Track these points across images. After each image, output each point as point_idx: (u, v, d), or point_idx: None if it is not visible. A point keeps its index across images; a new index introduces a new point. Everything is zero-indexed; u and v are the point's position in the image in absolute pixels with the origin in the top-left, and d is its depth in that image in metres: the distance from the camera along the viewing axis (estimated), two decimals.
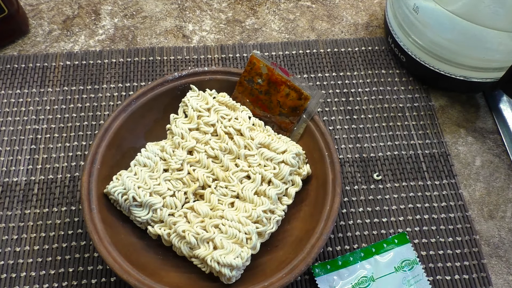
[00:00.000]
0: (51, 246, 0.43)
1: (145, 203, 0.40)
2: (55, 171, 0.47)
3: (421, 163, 0.49)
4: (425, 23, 0.49)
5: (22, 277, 0.42)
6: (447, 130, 0.52)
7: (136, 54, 0.56)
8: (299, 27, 0.60)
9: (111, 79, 0.54)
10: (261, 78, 0.45)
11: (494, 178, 0.49)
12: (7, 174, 0.47)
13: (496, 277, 0.44)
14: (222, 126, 0.44)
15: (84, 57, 0.55)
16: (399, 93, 0.54)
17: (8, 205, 0.45)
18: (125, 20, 0.59)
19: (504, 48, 0.47)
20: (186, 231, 0.39)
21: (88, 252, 0.43)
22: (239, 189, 0.41)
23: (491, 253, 0.45)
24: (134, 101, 0.44)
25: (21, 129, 0.50)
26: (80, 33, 0.58)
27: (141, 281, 0.36)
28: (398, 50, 0.54)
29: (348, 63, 0.56)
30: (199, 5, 0.61)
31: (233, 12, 0.61)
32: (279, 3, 0.62)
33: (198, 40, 0.58)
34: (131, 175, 0.41)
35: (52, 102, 0.52)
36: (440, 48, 0.49)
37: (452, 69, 0.50)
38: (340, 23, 0.60)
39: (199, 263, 0.39)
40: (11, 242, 0.43)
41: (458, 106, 0.54)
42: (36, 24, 0.58)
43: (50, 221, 0.45)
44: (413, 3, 0.49)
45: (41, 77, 0.53)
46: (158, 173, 0.42)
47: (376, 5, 0.62)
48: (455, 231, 0.46)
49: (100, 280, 0.42)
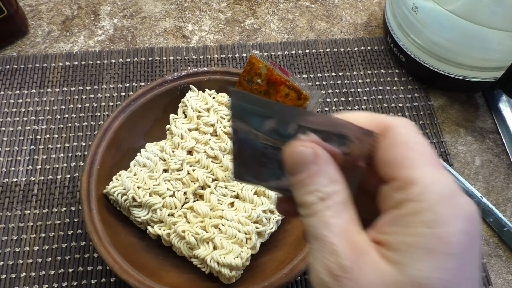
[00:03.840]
0: (51, 246, 0.43)
1: (145, 203, 0.40)
2: (55, 171, 0.47)
3: None
4: (424, 23, 0.49)
5: (22, 278, 0.42)
6: (446, 130, 0.52)
7: (135, 55, 0.56)
8: (298, 27, 0.60)
9: (111, 79, 0.54)
10: (261, 78, 0.45)
11: (494, 177, 0.49)
12: (6, 175, 0.47)
13: (495, 276, 0.44)
14: (221, 126, 0.44)
15: (84, 57, 0.55)
16: (398, 93, 0.54)
17: (8, 206, 0.45)
18: (124, 20, 0.59)
19: (503, 48, 0.47)
20: (186, 231, 0.39)
21: (88, 252, 0.43)
22: (238, 189, 0.41)
23: (490, 253, 0.45)
24: (133, 101, 0.44)
25: (21, 130, 0.50)
26: (80, 33, 0.58)
27: (141, 281, 0.36)
28: (397, 50, 0.54)
29: (347, 63, 0.56)
30: (198, 5, 0.61)
31: (232, 12, 0.61)
32: (278, 3, 0.62)
33: (197, 40, 0.58)
34: (130, 175, 0.41)
35: (51, 102, 0.52)
36: (439, 47, 0.49)
37: (451, 69, 0.50)
38: (339, 23, 0.60)
39: (199, 263, 0.39)
40: (11, 242, 0.43)
41: (458, 105, 0.54)
42: (35, 25, 0.58)
43: (50, 221, 0.45)
44: (412, 3, 0.49)
45: (41, 78, 0.53)
46: (157, 174, 0.42)
47: (375, 5, 0.62)
48: None
49: (100, 280, 0.42)
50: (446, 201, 0.18)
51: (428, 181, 0.18)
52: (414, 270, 0.17)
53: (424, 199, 0.18)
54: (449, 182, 0.18)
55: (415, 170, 0.18)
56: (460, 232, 0.17)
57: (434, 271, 0.17)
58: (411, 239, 0.17)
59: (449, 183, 0.18)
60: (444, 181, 0.18)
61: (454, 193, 0.18)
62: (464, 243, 0.17)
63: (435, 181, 0.18)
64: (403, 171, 0.19)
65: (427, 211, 0.17)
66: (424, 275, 0.17)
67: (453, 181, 0.19)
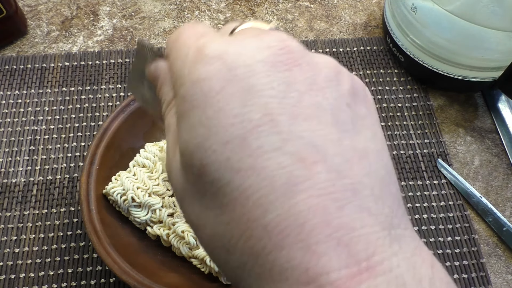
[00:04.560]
0: (50, 247, 0.43)
1: (144, 204, 0.40)
2: (54, 172, 0.47)
3: (420, 162, 0.50)
4: (423, 23, 0.49)
5: (21, 278, 0.42)
6: (445, 130, 0.52)
7: (134, 55, 0.56)
8: (297, 27, 0.60)
9: (110, 80, 0.54)
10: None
11: (493, 177, 0.49)
12: (6, 175, 0.47)
13: (495, 276, 0.44)
14: None
15: (83, 58, 0.55)
16: (397, 92, 0.54)
17: (7, 206, 0.45)
18: (123, 20, 0.59)
19: (502, 48, 0.47)
20: (185, 231, 0.39)
21: (87, 253, 0.43)
22: None
23: (490, 252, 0.45)
24: (133, 101, 0.44)
25: (20, 130, 0.50)
26: (79, 34, 0.58)
27: (140, 282, 0.36)
28: (397, 50, 0.54)
29: (346, 63, 0.56)
30: (197, 5, 0.61)
31: (232, 12, 0.61)
32: (277, 3, 0.62)
33: None
34: (130, 176, 0.41)
35: (51, 103, 0.52)
36: (439, 47, 0.49)
37: (450, 69, 0.50)
38: (339, 23, 0.60)
39: (198, 264, 0.39)
40: (10, 243, 0.43)
41: (457, 105, 0.54)
42: (34, 25, 0.58)
43: (49, 222, 0.44)
44: (411, 3, 0.49)
45: (40, 78, 0.53)
46: (157, 174, 0.42)
47: (374, 5, 0.62)
48: (454, 231, 0.46)
49: (100, 280, 0.42)
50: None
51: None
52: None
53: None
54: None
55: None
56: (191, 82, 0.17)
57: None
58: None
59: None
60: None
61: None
62: (200, 90, 0.17)
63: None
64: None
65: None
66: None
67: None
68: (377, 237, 0.15)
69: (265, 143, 0.15)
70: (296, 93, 0.16)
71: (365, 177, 0.16)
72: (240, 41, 0.18)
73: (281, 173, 0.15)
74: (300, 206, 0.15)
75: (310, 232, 0.15)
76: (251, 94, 0.16)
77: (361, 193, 0.16)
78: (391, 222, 0.16)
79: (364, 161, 0.16)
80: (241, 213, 0.16)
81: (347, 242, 0.15)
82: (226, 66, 0.17)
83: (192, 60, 0.18)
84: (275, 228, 0.15)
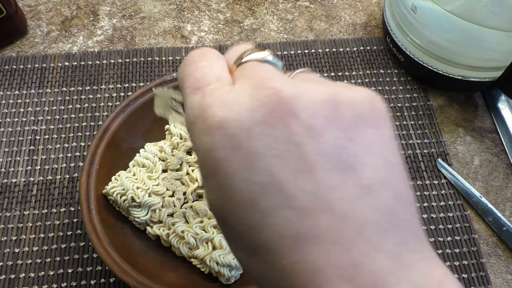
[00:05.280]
0: (50, 247, 0.43)
1: (144, 204, 0.40)
2: (54, 172, 0.47)
3: (420, 162, 0.50)
4: (423, 23, 0.49)
5: (21, 278, 0.42)
6: (445, 130, 0.52)
7: (134, 55, 0.56)
8: (297, 27, 0.60)
9: (110, 80, 0.54)
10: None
11: (493, 177, 0.49)
12: (5, 175, 0.47)
13: (495, 276, 0.44)
14: None
15: (83, 58, 0.55)
16: (397, 92, 0.54)
17: (7, 206, 0.45)
18: (123, 21, 0.59)
19: (502, 48, 0.47)
20: (185, 231, 0.39)
21: (87, 253, 0.43)
22: None
23: (490, 252, 0.45)
24: (132, 101, 0.44)
25: (20, 130, 0.50)
26: (79, 34, 0.58)
27: (140, 282, 0.36)
28: (397, 49, 0.54)
29: (346, 63, 0.56)
30: (197, 5, 0.61)
31: (232, 12, 0.61)
32: (277, 3, 0.62)
33: (196, 40, 0.58)
34: (130, 176, 0.41)
35: (50, 103, 0.52)
36: (438, 47, 0.49)
37: (450, 69, 0.50)
38: (339, 23, 0.60)
39: (198, 264, 0.39)
40: (10, 243, 0.43)
41: (457, 105, 0.54)
42: (34, 25, 0.58)
43: (49, 222, 0.45)
44: (411, 3, 0.49)
45: (40, 78, 0.53)
46: (157, 174, 0.42)
47: (374, 5, 0.62)
48: (454, 231, 0.46)
49: (99, 281, 0.42)
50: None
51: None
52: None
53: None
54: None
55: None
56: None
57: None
58: None
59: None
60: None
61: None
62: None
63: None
64: None
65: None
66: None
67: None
68: (384, 270, 0.16)
69: (271, 202, 0.17)
70: (295, 147, 0.17)
71: (370, 214, 0.17)
72: (239, 105, 0.18)
73: (289, 227, 0.17)
74: (309, 256, 0.16)
75: (320, 276, 0.16)
76: (253, 159, 0.17)
77: (367, 230, 0.17)
78: (399, 251, 0.17)
79: (369, 197, 0.17)
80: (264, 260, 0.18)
81: (355, 278, 0.16)
82: (227, 136, 0.18)
83: (199, 128, 0.19)
84: (291, 273, 0.17)
